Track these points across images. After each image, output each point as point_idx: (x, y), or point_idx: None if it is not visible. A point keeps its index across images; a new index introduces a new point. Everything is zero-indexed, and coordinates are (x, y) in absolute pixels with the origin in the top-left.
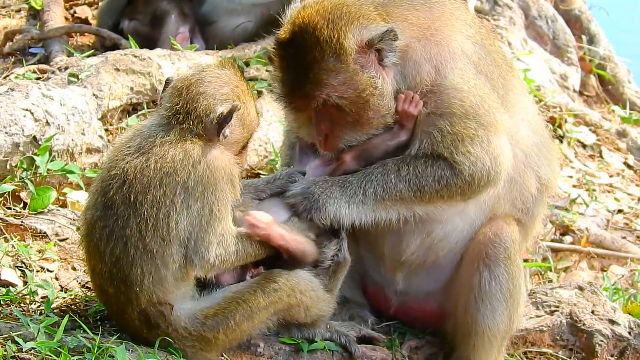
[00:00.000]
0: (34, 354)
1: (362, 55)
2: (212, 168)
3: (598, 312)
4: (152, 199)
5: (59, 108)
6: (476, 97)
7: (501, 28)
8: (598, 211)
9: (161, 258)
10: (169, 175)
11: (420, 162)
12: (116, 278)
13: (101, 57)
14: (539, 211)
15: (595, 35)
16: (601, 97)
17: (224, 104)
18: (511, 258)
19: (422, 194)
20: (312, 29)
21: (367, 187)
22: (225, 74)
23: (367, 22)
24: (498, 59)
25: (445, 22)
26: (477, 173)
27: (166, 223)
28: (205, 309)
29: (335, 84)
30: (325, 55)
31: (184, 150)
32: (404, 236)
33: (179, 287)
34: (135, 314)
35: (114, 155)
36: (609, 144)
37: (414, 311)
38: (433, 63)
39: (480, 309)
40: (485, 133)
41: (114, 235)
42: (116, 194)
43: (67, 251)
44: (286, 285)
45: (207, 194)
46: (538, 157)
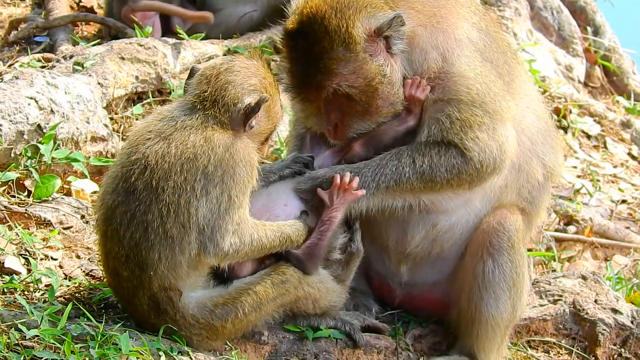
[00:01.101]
0: (38, 341)
1: (370, 43)
2: (231, 152)
3: (601, 302)
4: (174, 185)
5: (63, 96)
6: (482, 84)
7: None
8: (602, 201)
9: (179, 244)
10: (190, 160)
11: (435, 151)
12: (132, 261)
13: (106, 45)
14: (543, 200)
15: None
16: (606, 88)
17: (251, 95)
18: (515, 247)
19: (434, 184)
20: (320, 18)
21: (381, 181)
22: (254, 65)
23: (374, 11)
24: (503, 46)
25: (451, 9)
26: (485, 160)
27: (187, 209)
28: (215, 297)
29: (345, 73)
30: (334, 45)
31: (205, 136)
32: (408, 228)
33: (190, 275)
34: (145, 299)
35: (134, 139)
36: (614, 134)
37: (418, 301)
38: (439, 50)
39: (484, 298)
40: (491, 121)
41: (135, 220)
42: (138, 179)
43: (71, 239)
44: (294, 277)
45: (226, 178)
46: (543, 145)
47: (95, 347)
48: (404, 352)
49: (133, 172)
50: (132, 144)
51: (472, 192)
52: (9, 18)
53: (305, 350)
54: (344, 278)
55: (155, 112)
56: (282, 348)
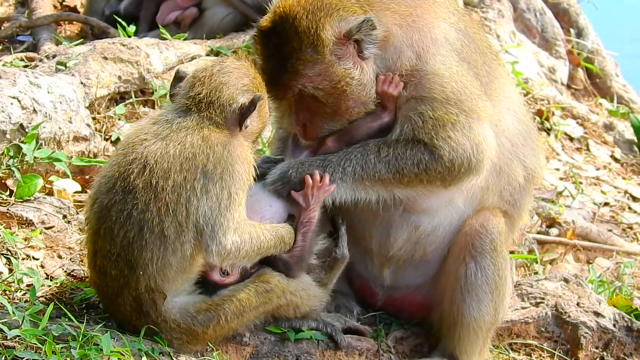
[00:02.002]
0: (19, 341)
1: (339, 47)
2: (229, 150)
3: (583, 305)
4: (173, 184)
5: (46, 96)
6: (458, 83)
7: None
8: (584, 204)
9: (172, 245)
10: (189, 160)
11: (401, 144)
12: (122, 260)
13: (89, 45)
14: (525, 202)
15: (584, 29)
16: (589, 90)
17: (245, 95)
18: (497, 249)
19: (401, 176)
20: (291, 19)
21: (346, 166)
22: (244, 66)
23: (346, 14)
24: (482, 47)
25: (428, 9)
26: (457, 159)
27: (186, 208)
28: (198, 303)
29: (311, 75)
30: (302, 46)
31: (202, 136)
32: (391, 230)
33: (178, 278)
34: (129, 299)
35: (130, 140)
36: (596, 137)
37: (400, 303)
38: (414, 49)
39: (466, 300)
40: (467, 119)
41: (131, 219)
42: (137, 179)
43: (53, 239)
44: (278, 287)
45: (225, 176)
46: (524, 147)
47: (76, 348)
48: (386, 354)
49: (131, 172)
50: (127, 145)
51: (450, 191)
52: None
53: (287, 352)
54: (327, 282)
55: (147, 116)
56: (264, 349)
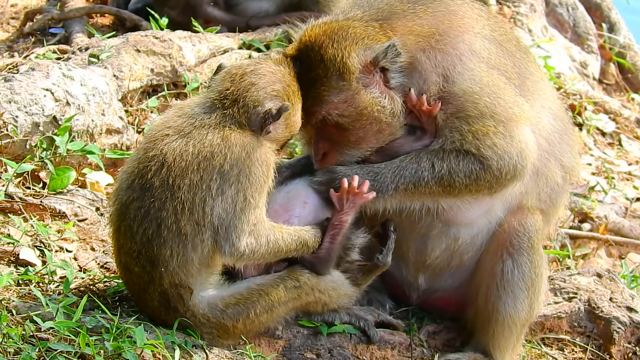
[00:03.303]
0: (53, 333)
1: (366, 75)
2: (248, 151)
3: (616, 300)
4: (190, 183)
5: (79, 88)
6: (490, 95)
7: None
8: (616, 199)
9: (192, 242)
10: (207, 159)
11: (453, 156)
12: (144, 257)
13: (122, 38)
14: (562, 199)
15: (616, 24)
16: (621, 85)
17: (273, 100)
18: (534, 247)
19: (452, 188)
20: (317, 47)
21: (400, 184)
22: (280, 71)
23: (371, 42)
24: (511, 48)
25: (450, 24)
26: (504, 167)
27: (202, 208)
28: (227, 297)
29: (336, 102)
30: (328, 73)
31: (222, 135)
32: (429, 241)
33: (202, 273)
34: (156, 295)
35: (152, 135)
36: (628, 132)
37: (434, 302)
38: (439, 71)
39: (501, 297)
40: (505, 129)
41: (149, 217)
42: (154, 176)
43: (86, 232)
44: (307, 285)
45: (242, 178)
46: (560, 145)
47: (110, 340)
48: (418, 348)
49: (150, 169)
50: (150, 139)
51: (492, 198)
52: (25, 9)
53: (320, 345)
54: (361, 283)
55: (176, 107)
56: (296, 343)
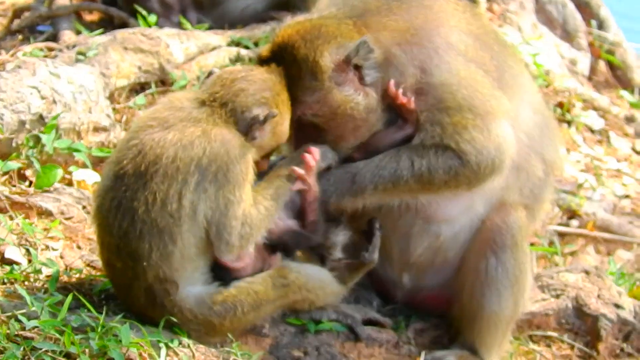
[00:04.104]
0: (38, 332)
1: (339, 73)
2: (227, 148)
3: (604, 296)
4: (164, 173)
5: (66, 86)
6: (468, 88)
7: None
8: (605, 196)
9: (169, 235)
10: (185, 149)
11: (432, 152)
12: (123, 252)
13: (109, 35)
14: (546, 194)
15: (605, 21)
16: (610, 83)
17: (261, 107)
18: (518, 244)
19: (431, 185)
20: (290, 47)
21: (379, 183)
22: (271, 80)
23: (344, 40)
24: (488, 41)
25: (425, 18)
26: (483, 162)
27: (177, 200)
28: (214, 294)
29: (310, 102)
30: (301, 74)
31: (204, 129)
32: (411, 239)
33: (186, 267)
34: (141, 291)
35: (138, 125)
36: (617, 129)
37: (420, 300)
38: (415, 64)
39: (485, 295)
40: (483, 122)
41: (121, 207)
42: (129, 164)
43: (72, 230)
44: (294, 283)
45: (220, 175)
46: (541, 138)
47: (95, 339)
48: (406, 346)
49: (126, 157)
50: (134, 130)
51: (472, 193)
52: (12, 6)
53: (307, 343)
54: (347, 281)
55: (166, 98)
56: (284, 341)
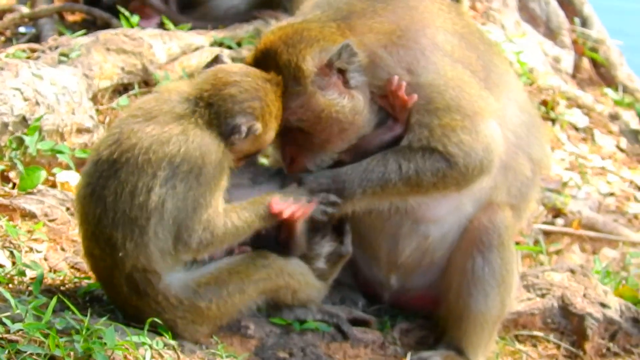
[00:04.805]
0: (22, 335)
1: (322, 77)
2: (203, 152)
3: (589, 296)
4: (134, 163)
5: (49, 87)
6: (455, 89)
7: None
8: (590, 194)
9: (140, 226)
10: (160, 144)
11: (419, 155)
12: (100, 239)
13: (92, 36)
14: (533, 193)
15: (588, 18)
16: (594, 80)
17: (246, 117)
18: (504, 244)
19: (420, 187)
20: (273, 53)
21: (367, 187)
22: (265, 89)
23: (326, 44)
24: (474, 41)
25: (410, 19)
26: (471, 163)
27: (145, 193)
28: (198, 277)
29: (293, 107)
30: (284, 79)
31: (184, 127)
32: (399, 240)
33: (167, 260)
34: (122, 280)
35: (123, 116)
36: (602, 126)
37: (406, 300)
38: (403, 65)
39: (472, 294)
40: (472, 123)
41: (95, 194)
42: (105, 150)
43: (56, 232)
44: (275, 264)
45: (191, 177)
46: (528, 137)
47: (80, 341)
48: (391, 346)
49: (104, 143)
50: (120, 117)
51: (461, 194)
52: None
53: (292, 344)
54: (327, 277)
55: (159, 89)
56: (269, 342)
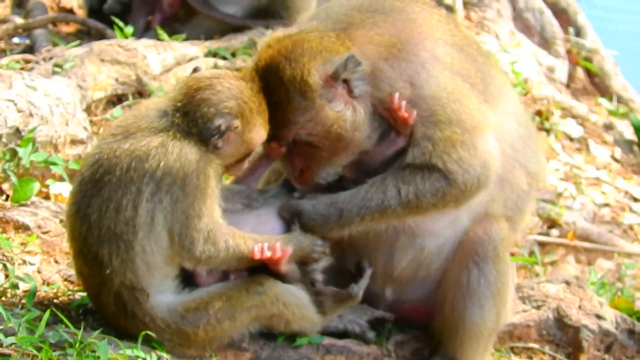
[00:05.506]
0: (15, 349)
1: (328, 89)
2: (183, 162)
3: (585, 307)
4: (117, 182)
5: (42, 99)
6: (456, 102)
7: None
8: (585, 204)
9: (126, 241)
10: (140, 160)
11: (419, 177)
12: (87, 258)
13: (86, 47)
14: (528, 206)
15: (582, 28)
16: (588, 90)
17: (224, 117)
18: (500, 255)
19: (419, 209)
20: (275, 69)
21: (366, 214)
22: (239, 87)
23: (329, 55)
24: (472, 52)
25: (410, 32)
26: (469, 180)
27: (132, 208)
28: (186, 302)
29: (303, 122)
30: (290, 95)
31: (162, 141)
32: (395, 252)
33: (154, 275)
34: (110, 299)
35: (105, 133)
36: (596, 137)
37: (401, 312)
38: (405, 78)
39: (467, 307)
40: (471, 138)
41: (80, 213)
42: (87, 170)
43: (50, 244)
44: (271, 291)
45: (176, 189)
46: (525, 150)
47: (73, 355)
48: (386, 358)
49: (87, 163)
50: (101, 136)
51: (458, 210)
52: None
53: (287, 357)
54: (328, 312)
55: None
56: (263, 355)
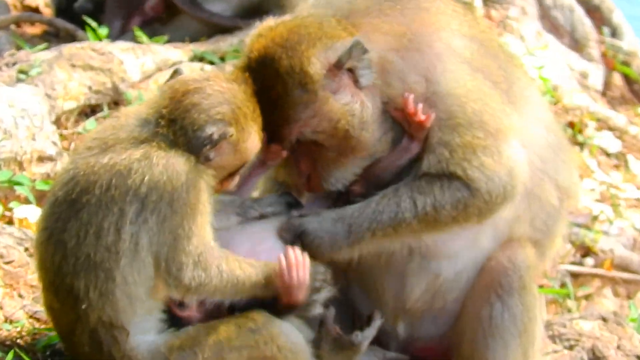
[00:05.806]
0: None
1: (332, 80)
2: (170, 175)
3: (624, 347)
4: (97, 202)
5: (6, 110)
6: (477, 101)
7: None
8: (624, 229)
9: (106, 270)
10: (121, 176)
11: (437, 186)
12: (61, 289)
13: (55, 50)
14: (559, 227)
15: (619, 27)
16: (627, 98)
17: (216, 124)
18: (526, 287)
19: (437, 223)
20: (269, 60)
21: (377, 229)
22: (231, 90)
23: (331, 41)
24: (494, 49)
25: (423, 22)
26: (494, 190)
27: (114, 232)
28: (170, 340)
29: (305, 118)
30: (288, 88)
31: (145, 152)
32: (407, 279)
33: (135, 311)
34: (85, 337)
35: (80, 147)
36: (636, 151)
37: (415, 350)
38: (418, 72)
39: (490, 346)
40: (495, 142)
41: (53, 239)
42: (60, 190)
43: (13, 276)
44: (266, 329)
45: (163, 206)
46: (555, 161)
47: None
48: None
49: (60, 182)
50: (74, 151)
51: (480, 226)
52: None
53: None
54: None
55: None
56: None
